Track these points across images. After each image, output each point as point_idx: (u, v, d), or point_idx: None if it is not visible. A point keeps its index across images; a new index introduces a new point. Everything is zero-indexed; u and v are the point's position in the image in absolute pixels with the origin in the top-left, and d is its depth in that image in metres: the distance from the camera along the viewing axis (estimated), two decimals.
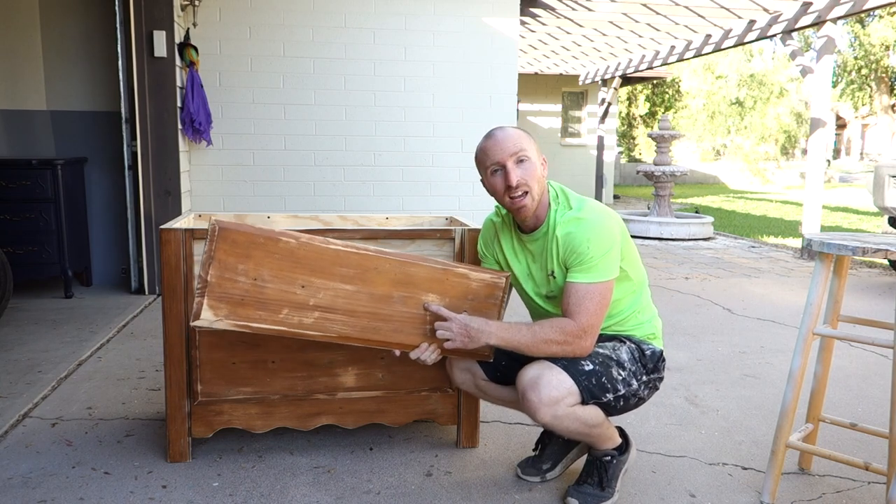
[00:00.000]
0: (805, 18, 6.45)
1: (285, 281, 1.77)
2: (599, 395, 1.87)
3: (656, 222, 8.21)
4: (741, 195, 16.51)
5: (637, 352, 1.96)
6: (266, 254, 1.74)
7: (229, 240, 1.71)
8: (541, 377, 1.82)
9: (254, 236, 1.73)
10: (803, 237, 2.14)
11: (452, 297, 1.92)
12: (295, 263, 1.77)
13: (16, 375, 2.95)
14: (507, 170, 1.85)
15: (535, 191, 1.87)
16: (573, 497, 1.98)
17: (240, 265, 1.73)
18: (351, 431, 2.42)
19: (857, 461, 1.92)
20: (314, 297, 1.80)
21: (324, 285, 1.80)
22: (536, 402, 1.80)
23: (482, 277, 1.96)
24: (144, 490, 2.02)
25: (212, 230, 1.69)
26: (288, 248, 1.76)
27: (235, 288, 1.73)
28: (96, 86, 4.73)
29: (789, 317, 4.34)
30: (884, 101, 23.32)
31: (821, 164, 6.66)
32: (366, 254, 1.82)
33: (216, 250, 1.70)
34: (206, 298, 1.71)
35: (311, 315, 1.81)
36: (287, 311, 1.79)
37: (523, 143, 1.88)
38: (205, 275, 1.70)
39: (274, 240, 1.74)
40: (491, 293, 1.97)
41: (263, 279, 1.75)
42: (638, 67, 10.32)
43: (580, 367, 1.86)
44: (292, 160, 5.14)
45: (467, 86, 5.30)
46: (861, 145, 28.85)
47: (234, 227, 1.71)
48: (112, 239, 4.88)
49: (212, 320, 1.73)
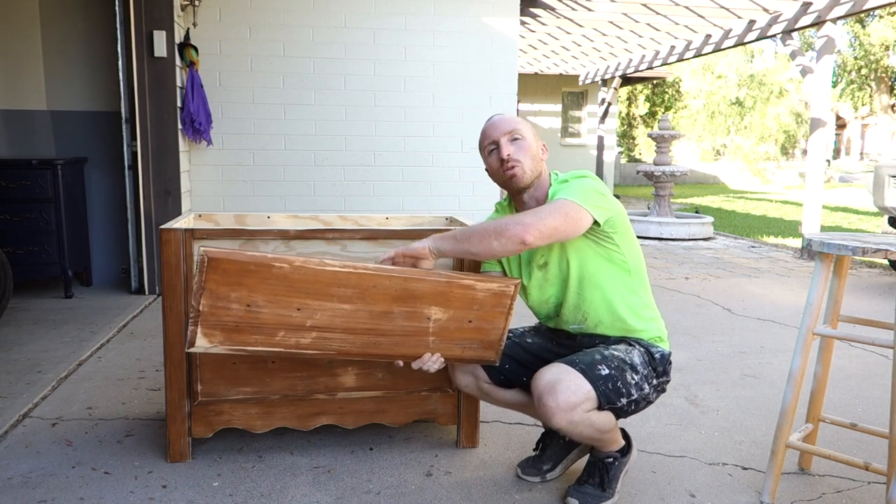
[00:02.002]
0: (805, 18, 6.45)
1: (280, 305, 1.73)
2: (615, 400, 1.85)
3: (656, 222, 8.21)
4: (741, 195, 16.51)
5: (647, 355, 1.94)
6: (259, 280, 1.69)
7: (220, 269, 1.66)
8: (559, 381, 1.79)
9: (245, 264, 1.67)
10: (803, 237, 2.14)
11: (457, 308, 1.88)
12: (290, 287, 1.72)
13: (16, 375, 2.95)
14: (500, 145, 1.93)
15: (526, 165, 1.92)
16: (573, 497, 1.98)
17: (232, 293, 1.69)
18: (351, 431, 2.42)
19: (857, 461, 1.92)
20: (311, 318, 1.76)
21: (321, 306, 1.76)
22: (553, 406, 1.76)
23: (489, 287, 1.88)
24: (144, 490, 2.02)
25: (201, 260, 1.64)
26: (282, 272, 1.70)
27: (229, 315, 1.70)
28: (96, 86, 4.73)
29: (789, 317, 4.34)
30: (884, 101, 23.32)
31: (821, 164, 6.66)
32: (364, 273, 1.76)
33: (206, 280, 1.66)
34: (200, 327, 1.70)
35: (309, 335, 1.79)
36: (283, 334, 1.77)
37: (518, 125, 1.96)
38: (196, 304, 1.67)
39: (267, 266, 1.68)
40: (498, 302, 1.91)
41: (258, 305, 1.71)
42: (638, 67, 10.32)
43: (598, 371, 1.83)
44: (292, 160, 5.14)
45: (467, 86, 5.30)
46: (861, 145, 28.86)
47: (225, 255, 1.65)
48: (112, 239, 4.89)
49: (207, 347, 1.73)
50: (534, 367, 2.06)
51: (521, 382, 2.08)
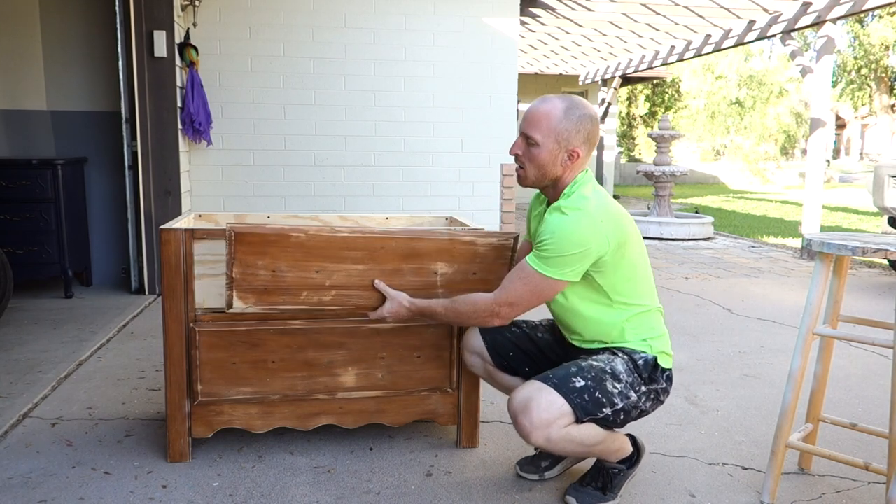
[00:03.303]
0: (805, 18, 6.45)
1: (301, 269, 1.98)
2: (595, 412, 1.81)
3: (656, 222, 8.21)
4: (741, 195, 16.51)
5: (630, 363, 1.89)
6: (280, 249, 1.95)
7: (245, 241, 1.92)
8: (531, 400, 1.78)
9: (266, 235, 1.93)
10: (803, 237, 2.14)
11: (461, 262, 2.10)
12: (307, 253, 1.97)
13: (16, 375, 2.95)
14: (517, 140, 1.93)
15: (530, 171, 1.91)
16: (572, 496, 1.98)
17: (259, 261, 1.95)
18: (351, 431, 2.42)
19: (857, 461, 1.92)
20: (329, 278, 2.00)
21: (336, 268, 2.00)
22: (528, 425, 1.76)
23: (489, 241, 2.10)
24: (144, 490, 2.02)
25: (229, 235, 1.91)
26: (299, 241, 1.95)
27: (258, 280, 1.96)
28: (96, 86, 4.73)
29: (789, 317, 4.34)
30: (883, 101, 23.32)
31: (820, 164, 6.66)
32: (371, 236, 2.00)
33: (236, 252, 1.92)
34: (235, 291, 1.96)
35: (329, 294, 2.02)
36: (307, 293, 2.01)
37: (538, 129, 1.86)
38: (230, 272, 1.94)
39: (285, 236, 1.94)
40: (500, 255, 2.12)
41: (282, 270, 1.97)
42: (638, 67, 10.31)
43: (571, 384, 1.81)
44: (292, 160, 5.14)
45: (467, 86, 5.30)
46: (861, 145, 28.86)
47: (248, 229, 1.92)
48: (112, 239, 4.88)
49: (243, 308, 1.98)
50: (537, 360, 2.10)
51: (524, 372, 2.09)
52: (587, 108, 1.89)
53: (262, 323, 2.14)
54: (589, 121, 1.88)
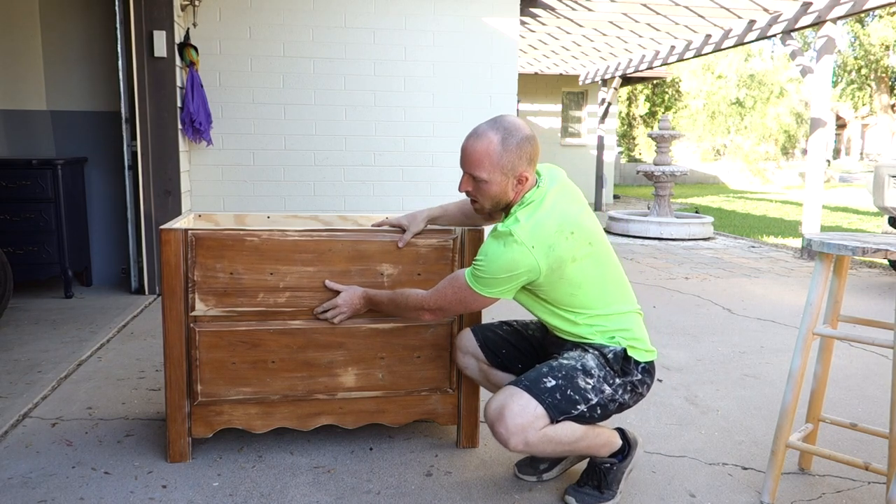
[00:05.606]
0: (805, 18, 6.45)
1: (256, 271, 2.10)
2: (569, 409, 1.82)
3: (656, 222, 8.21)
4: (741, 195, 16.51)
5: (601, 357, 1.89)
6: (236, 252, 2.08)
7: (204, 245, 2.06)
8: (504, 407, 1.79)
9: (223, 239, 2.07)
10: (803, 237, 2.14)
11: (405, 263, 2.20)
12: (261, 256, 2.10)
13: (16, 375, 2.95)
14: (463, 179, 1.93)
15: (484, 203, 1.93)
16: (571, 496, 1.98)
17: (217, 264, 2.08)
18: (351, 431, 2.42)
19: (857, 461, 1.92)
20: (282, 280, 2.12)
21: (289, 270, 2.12)
22: (504, 433, 1.78)
23: (429, 243, 2.21)
24: (144, 490, 2.02)
25: (190, 240, 2.04)
26: (253, 244, 2.09)
27: (217, 282, 2.09)
28: (96, 86, 4.72)
29: (789, 317, 4.34)
30: (883, 101, 23.31)
31: (821, 164, 6.66)
32: (319, 238, 2.13)
33: (196, 255, 2.06)
34: (197, 294, 2.08)
35: (283, 295, 2.13)
36: (263, 295, 2.12)
37: (482, 167, 1.84)
38: (192, 276, 2.07)
39: (240, 239, 2.08)
40: (441, 255, 2.22)
41: (238, 272, 2.10)
42: (638, 67, 10.32)
43: (542, 384, 1.82)
44: (292, 160, 5.14)
45: (467, 86, 5.30)
46: (861, 145, 28.85)
47: (207, 234, 2.06)
48: (112, 239, 4.88)
49: (205, 310, 2.09)
50: (530, 356, 2.12)
51: (517, 369, 2.11)
52: (521, 130, 1.85)
53: (262, 323, 2.14)
54: (527, 143, 1.85)
